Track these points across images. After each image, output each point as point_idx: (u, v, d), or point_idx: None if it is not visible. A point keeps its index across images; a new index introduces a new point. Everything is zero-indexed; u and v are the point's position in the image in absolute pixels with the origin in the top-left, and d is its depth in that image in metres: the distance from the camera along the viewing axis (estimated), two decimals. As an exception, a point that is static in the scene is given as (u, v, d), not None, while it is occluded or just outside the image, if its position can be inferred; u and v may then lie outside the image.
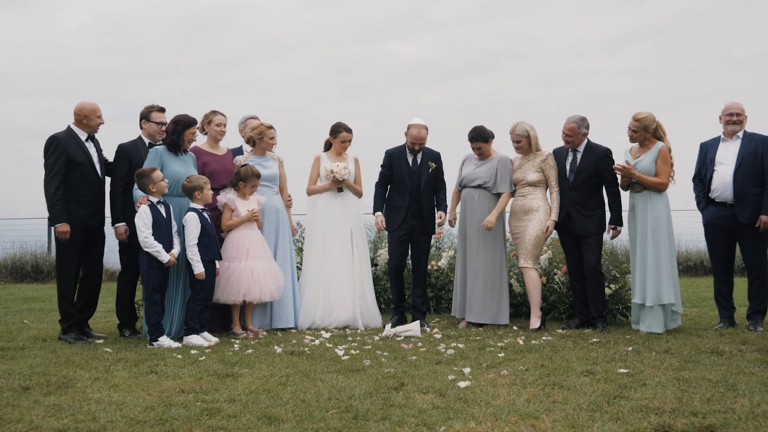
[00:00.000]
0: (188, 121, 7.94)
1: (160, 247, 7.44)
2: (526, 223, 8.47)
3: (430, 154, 9.00)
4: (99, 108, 7.97)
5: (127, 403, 4.96)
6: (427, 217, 8.93)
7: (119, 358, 6.64)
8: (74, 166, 7.71)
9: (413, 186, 8.88)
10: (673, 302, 7.94)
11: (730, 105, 8.34)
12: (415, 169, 8.92)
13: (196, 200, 7.75)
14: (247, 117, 9.15)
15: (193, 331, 7.59)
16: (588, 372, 5.83)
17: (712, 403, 4.81)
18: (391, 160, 8.98)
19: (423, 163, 8.94)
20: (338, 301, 8.73)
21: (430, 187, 8.95)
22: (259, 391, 5.29)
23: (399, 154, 8.99)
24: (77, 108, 7.87)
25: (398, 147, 9.04)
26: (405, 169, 8.90)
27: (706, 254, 16.14)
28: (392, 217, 8.96)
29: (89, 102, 7.94)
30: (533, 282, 8.50)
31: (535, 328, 8.33)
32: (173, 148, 7.90)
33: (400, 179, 8.91)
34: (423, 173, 8.90)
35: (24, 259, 17.09)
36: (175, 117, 8.00)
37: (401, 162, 8.93)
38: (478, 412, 4.64)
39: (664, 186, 8.07)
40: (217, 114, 8.43)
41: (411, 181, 8.88)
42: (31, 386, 5.47)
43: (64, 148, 7.68)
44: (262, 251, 8.25)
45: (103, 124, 7.98)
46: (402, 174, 8.90)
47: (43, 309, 10.91)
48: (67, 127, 7.88)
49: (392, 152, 9.03)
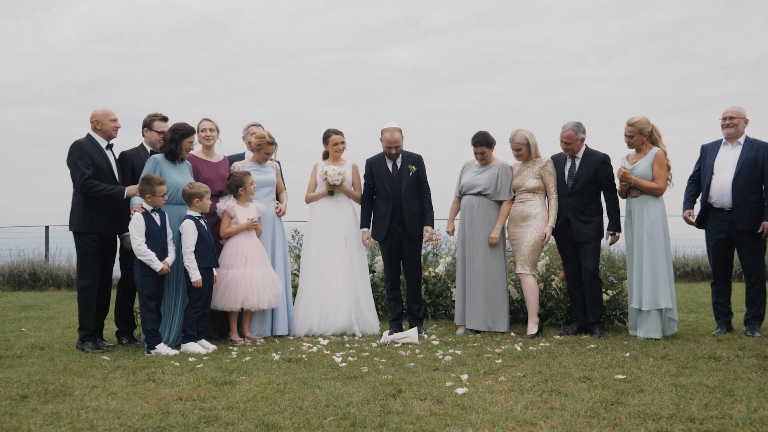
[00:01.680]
0: (186, 130, 7.94)
1: (153, 256, 7.43)
2: (524, 229, 8.49)
3: (410, 158, 8.92)
4: (113, 112, 7.95)
5: (125, 411, 4.96)
6: (409, 223, 8.79)
7: (117, 366, 6.64)
8: (96, 173, 7.70)
9: (394, 192, 8.80)
10: (670, 307, 7.95)
11: (726, 109, 8.34)
12: (395, 174, 8.84)
13: (193, 207, 7.76)
14: (251, 124, 9.18)
15: (190, 339, 7.59)
16: (585, 378, 5.84)
17: (710, 409, 4.81)
18: (372, 169, 8.93)
19: (403, 168, 8.85)
20: (334, 307, 8.73)
21: (411, 191, 8.82)
22: (257, 398, 5.29)
23: (379, 161, 8.93)
24: (91, 115, 7.89)
25: (378, 155, 8.99)
26: (385, 176, 8.84)
27: (704, 260, 16.18)
28: (380, 227, 8.90)
29: (102, 108, 7.94)
30: (531, 288, 8.51)
31: (533, 334, 8.35)
32: (171, 156, 7.90)
33: (382, 186, 8.86)
34: (403, 177, 8.82)
35: (22, 267, 17.06)
36: (173, 126, 7.99)
37: (381, 169, 8.87)
38: (475, 419, 4.65)
39: (661, 191, 8.08)
40: (203, 120, 8.45)
41: (392, 186, 8.80)
42: (29, 394, 5.47)
43: (88, 153, 7.70)
44: (261, 259, 8.27)
45: (118, 128, 7.96)
46: (383, 181, 8.84)
47: (40, 317, 10.89)
48: (86, 134, 7.89)
49: (372, 161, 8.98)
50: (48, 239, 18.54)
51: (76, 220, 7.75)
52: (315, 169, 9.04)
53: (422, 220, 8.90)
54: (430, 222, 8.91)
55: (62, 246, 17.97)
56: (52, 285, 16.71)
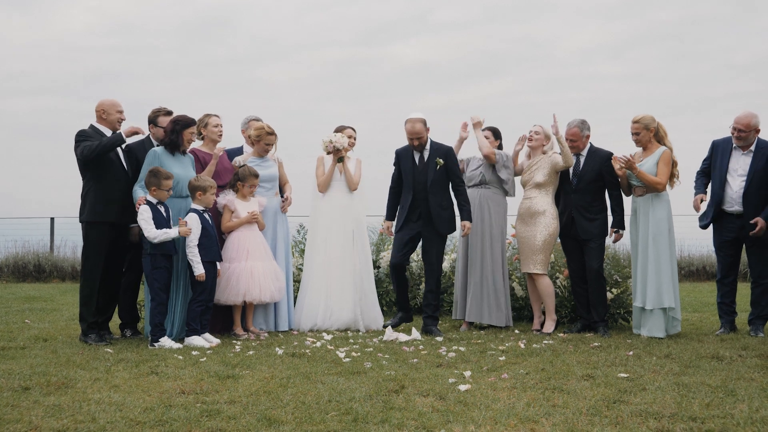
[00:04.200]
0: (187, 121, 7.92)
1: (167, 230, 7.45)
2: (533, 227, 8.45)
3: (439, 150, 8.53)
4: (119, 104, 7.94)
5: (127, 404, 4.97)
6: (436, 218, 8.43)
7: (120, 359, 6.64)
8: (103, 164, 7.67)
9: (418, 185, 8.48)
10: (674, 306, 7.93)
11: (737, 118, 8.19)
12: (421, 167, 8.51)
13: (197, 201, 7.76)
14: (250, 118, 9.15)
15: (194, 332, 7.60)
16: (588, 376, 5.83)
17: (711, 408, 4.81)
18: (399, 159, 8.71)
19: (429, 161, 8.49)
20: (339, 302, 8.73)
21: (439, 185, 8.46)
22: (259, 392, 5.29)
23: (405, 152, 8.66)
24: (98, 104, 7.87)
25: (405, 146, 8.70)
26: (410, 168, 8.58)
27: (709, 259, 16.15)
28: (399, 217, 8.71)
29: (109, 98, 7.93)
30: (546, 290, 8.47)
31: (549, 332, 8.36)
32: (172, 148, 7.88)
33: (406, 178, 8.62)
34: (429, 170, 8.46)
35: (26, 259, 17.10)
36: (173, 117, 7.98)
37: (407, 160, 8.61)
38: (478, 416, 4.65)
39: (662, 186, 8.04)
40: (212, 116, 8.43)
41: (415, 179, 8.52)
42: (31, 386, 5.48)
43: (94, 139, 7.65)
44: (263, 252, 8.26)
45: (124, 120, 7.92)
46: (407, 173, 8.60)
47: (44, 309, 10.91)
48: (89, 125, 7.84)
49: (399, 151, 8.73)
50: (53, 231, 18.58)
51: (88, 210, 7.69)
52: (320, 161, 8.99)
53: (453, 215, 8.60)
54: (467, 216, 8.44)
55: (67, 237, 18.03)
56: (56, 276, 16.75)
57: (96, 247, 7.71)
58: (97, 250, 7.71)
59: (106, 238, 7.71)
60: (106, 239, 7.71)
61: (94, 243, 7.71)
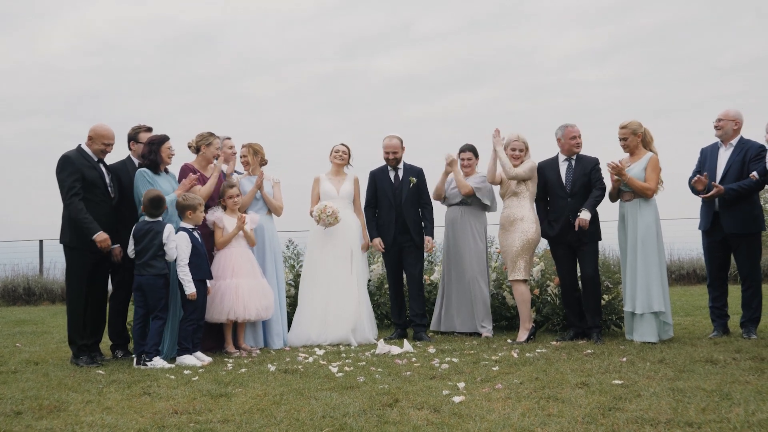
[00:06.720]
0: (161, 138, 7.94)
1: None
2: (512, 234, 8.51)
3: (412, 170, 9.28)
4: (110, 135, 7.79)
5: (120, 425, 4.92)
6: (413, 231, 9.14)
7: (112, 380, 6.59)
8: (87, 186, 7.61)
9: (396, 201, 9.13)
10: (664, 310, 7.93)
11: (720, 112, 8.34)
12: (397, 184, 9.21)
13: (187, 219, 7.74)
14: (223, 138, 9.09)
15: (186, 351, 7.55)
16: (583, 384, 5.82)
17: (707, 413, 4.79)
18: (375, 180, 9.29)
19: (404, 179, 9.21)
20: (336, 317, 8.78)
21: (412, 202, 9.17)
22: (253, 410, 5.26)
23: (381, 173, 9.31)
24: (91, 128, 7.79)
25: (381, 167, 9.36)
26: (388, 186, 9.19)
27: (699, 263, 16.19)
28: (385, 235, 9.18)
29: (103, 126, 7.80)
30: (521, 296, 8.52)
31: (522, 341, 8.34)
32: (153, 167, 7.88)
33: (384, 196, 9.19)
34: (404, 188, 9.17)
35: (16, 282, 17.04)
36: (147, 139, 7.99)
37: (384, 180, 9.23)
38: (473, 427, 4.62)
39: (651, 191, 8.08)
40: (217, 138, 8.39)
41: (394, 196, 9.14)
42: (23, 410, 5.42)
43: (77, 167, 7.57)
44: (249, 269, 8.21)
45: (109, 152, 7.84)
46: (386, 191, 9.18)
47: (35, 332, 10.84)
48: (77, 146, 7.78)
49: (375, 172, 9.38)
50: (42, 253, 18.51)
51: (69, 233, 7.65)
52: (316, 183, 9.22)
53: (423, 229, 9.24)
54: (430, 232, 9.23)
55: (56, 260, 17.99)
56: (46, 299, 16.67)
57: (79, 271, 7.66)
58: (80, 274, 7.66)
59: (89, 261, 7.66)
60: (89, 262, 7.66)
61: (77, 266, 7.67)
